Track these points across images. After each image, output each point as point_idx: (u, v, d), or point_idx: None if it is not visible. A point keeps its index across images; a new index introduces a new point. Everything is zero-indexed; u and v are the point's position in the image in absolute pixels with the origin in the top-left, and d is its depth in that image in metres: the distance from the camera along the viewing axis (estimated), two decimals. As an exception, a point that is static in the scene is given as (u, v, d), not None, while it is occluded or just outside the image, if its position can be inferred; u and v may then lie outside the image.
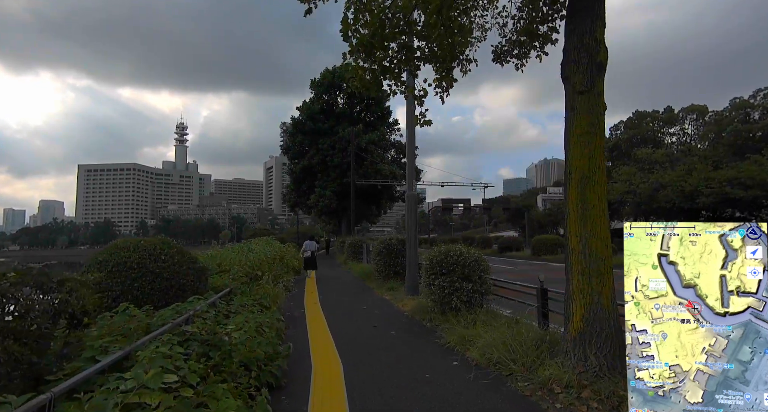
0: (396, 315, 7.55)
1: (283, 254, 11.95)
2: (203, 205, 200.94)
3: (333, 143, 33.56)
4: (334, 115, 35.21)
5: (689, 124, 43.12)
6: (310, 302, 9.32)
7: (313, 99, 35.57)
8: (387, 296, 9.78)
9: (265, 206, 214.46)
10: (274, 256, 9.65)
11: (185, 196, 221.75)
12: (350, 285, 12.51)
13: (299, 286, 12.58)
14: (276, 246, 11.86)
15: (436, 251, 6.92)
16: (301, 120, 35.16)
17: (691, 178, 31.92)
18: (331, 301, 9.38)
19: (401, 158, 37.66)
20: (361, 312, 7.97)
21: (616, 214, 45.28)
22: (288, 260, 12.97)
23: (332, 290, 11.34)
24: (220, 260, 7.56)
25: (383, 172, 32.89)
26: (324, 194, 33.45)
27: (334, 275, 15.90)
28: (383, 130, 35.59)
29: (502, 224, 77.62)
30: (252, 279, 7.37)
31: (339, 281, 13.69)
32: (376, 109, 36.42)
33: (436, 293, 6.49)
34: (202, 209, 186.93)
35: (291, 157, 36.92)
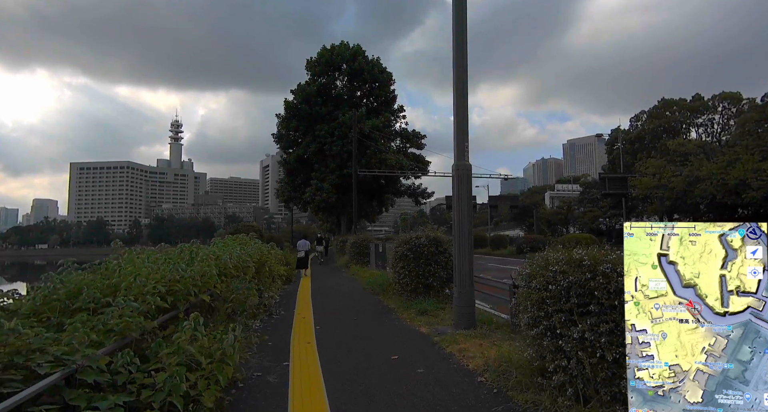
0: (464, 385, 3.91)
1: (263, 259, 8.30)
2: (198, 203, 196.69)
3: (331, 130, 29.53)
4: (332, 99, 31.19)
5: (721, 114, 39.49)
6: (299, 339, 5.72)
7: (309, 81, 31.51)
8: (422, 328, 6.18)
9: (262, 204, 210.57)
10: (242, 264, 5.97)
11: (180, 195, 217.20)
12: (360, 303, 8.89)
13: (287, 302, 8.96)
14: (253, 248, 8.21)
15: (545, 259, 3.42)
16: (295, 104, 30.89)
17: (735, 171, 28.33)
18: (334, 338, 5.78)
19: (407, 148, 33.92)
20: (393, 372, 4.35)
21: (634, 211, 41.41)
22: (273, 267, 9.35)
23: (335, 313, 7.73)
24: (114, 275, 3.83)
25: (389, 163, 28.95)
26: (321, 187, 29.44)
27: (336, 285, 12.24)
28: (388, 116, 31.65)
29: (505, 223, 73.47)
30: (170, 319, 3.56)
31: (343, 296, 10.06)
32: (380, 92, 32.45)
33: (557, 346, 2.97)
34: (197, 208, 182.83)
35: (284, 146, 32.71)
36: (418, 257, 8.05)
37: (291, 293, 10.72)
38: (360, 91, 32.79)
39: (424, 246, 8.08)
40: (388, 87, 32.80)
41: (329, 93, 31.55)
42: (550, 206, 70.02)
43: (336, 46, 31.26)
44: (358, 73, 31.15)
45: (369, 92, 32.95)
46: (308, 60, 31.84)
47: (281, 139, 32.45)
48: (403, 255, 8.21)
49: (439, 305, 7.43)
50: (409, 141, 33.31)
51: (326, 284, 12.65)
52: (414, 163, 31.82)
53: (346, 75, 31.82)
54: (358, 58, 31.01)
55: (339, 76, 32.39)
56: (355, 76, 31.40)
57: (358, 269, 15.23)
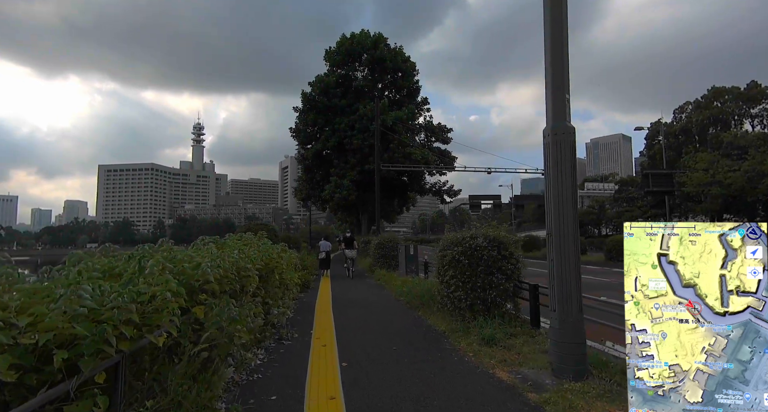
0: None
1: (272, 264, 6.42)
2: (219, 204, 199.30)
3: (352, 123, 27.54)
4: (352, 92, 29.21)
5: (780, 103, 35.50)
6: (318, 391, 3.76)
7: (327, 72, 29.60)
8: (498, 371, 4.13)
9: (281, 205, 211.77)
10: (236, 273, 4.07)
11: (202, 196, 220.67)
12: (398, 323, 6.87)
13: (303, 317, 7.03)
14: (262, 249, 6.35)
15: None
16: (313, 96, 28.92)
17: (811, 167, 24.89)
18: (372, 389, 3.80)
19: (432, 142, 31.61)
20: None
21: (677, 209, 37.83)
22: (285, 274, 7.48)
23: (366, 339, 5.74)
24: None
25: (413, 157, 26.74)
26: (341, 185, 27.41)
27: (362, 295, 10.28)
28: (412, 108, 29.43)
29: (527, 224, 69.75)
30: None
31: (373, 310, 8.08)
32: (404, 83, 30.28)
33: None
34: (218, 209, 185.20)
35: (302, 140, 30.68)
36: (476, 263, 5.99)
37: (308, 303, 8.83)
38: (381, 82, 30.65)
39: (483, 249, 6.01)
40: (411, 77, 30.58)
41: (349, 85, 29.61)
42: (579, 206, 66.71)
43: (356, 34, 29.37)
44: (380, 63, 29.19)
45: (391, 83, 30.86)
46: (327, 50, 29.89)
47: (299, 134, 30.56)
48: (455, 260, 6.15)
49: (509, 330, 5.37)
50: (434, 134, 31.09)
51: (349, 292, 10.72)
52: (440, 158, 29.68)
53: (367, 65, 29.81)
54: (379, 46, 29.06)
55: (359, 67, 30.37)
56: (377, 65, 29.37)
57: (384, 274, 13.26)
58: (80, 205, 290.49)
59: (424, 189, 32.29)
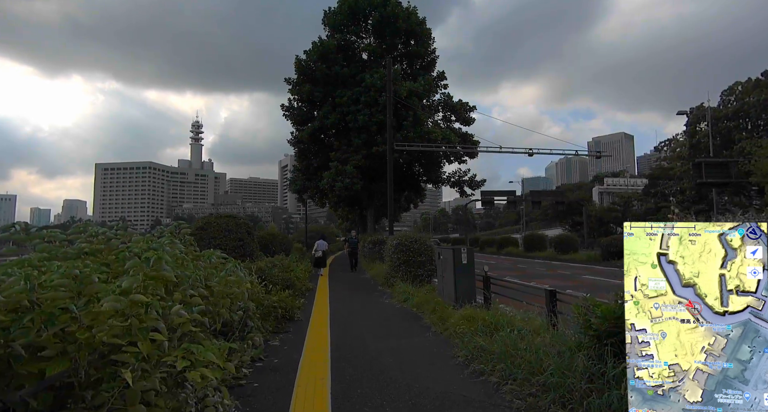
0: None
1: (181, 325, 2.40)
2: (218, 203, 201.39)
3: (356, 96, 22.14)
4: (356, 61, 24.05)
5: None
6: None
7: (327, 37, 24.29)
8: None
9: (280, 204, 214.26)
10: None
11: (200, 195, 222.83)
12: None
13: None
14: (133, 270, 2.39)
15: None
16: (309, 63, 23.15)
17: None
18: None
19: (453, 122, 25.54)
20: None
21: (730, 200, 30.97)
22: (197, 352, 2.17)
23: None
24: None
25: (433, 137, 21.55)
26: (343, 171, 21.74)
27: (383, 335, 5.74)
28: (429, 79, 24.27)
29: (535, 223, 64.14)
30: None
31: (418, 394, 3.57)
32: (418, 50, 24.52)
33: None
34: (216, 208, 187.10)
35: (296, 119, 24.77)
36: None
37: (289, 353, 4.94)
38: (392, 51, 24.11)
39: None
40: (427, 45, 24.95)
41: (353, 53, 24.41)
42: (599, 203, 60.37)
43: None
44: (391, 23, 23.36)
45: (404, 53, 24.96)
46: (325, 11, 24.31)
47: (292, 112, 24.78)
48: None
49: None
50: (454, 113, 25.49)
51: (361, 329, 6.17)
52: (461, 141, 24.33)
53: (375, 29, 24.14)
54: (389, 2, 23.39)
55: (364, 34, 24.83)
56: (387, 27, 23.62)
57: (411, 291, 8.46)
58: (79, 204, 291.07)
59: (441, 179, 26.81)
